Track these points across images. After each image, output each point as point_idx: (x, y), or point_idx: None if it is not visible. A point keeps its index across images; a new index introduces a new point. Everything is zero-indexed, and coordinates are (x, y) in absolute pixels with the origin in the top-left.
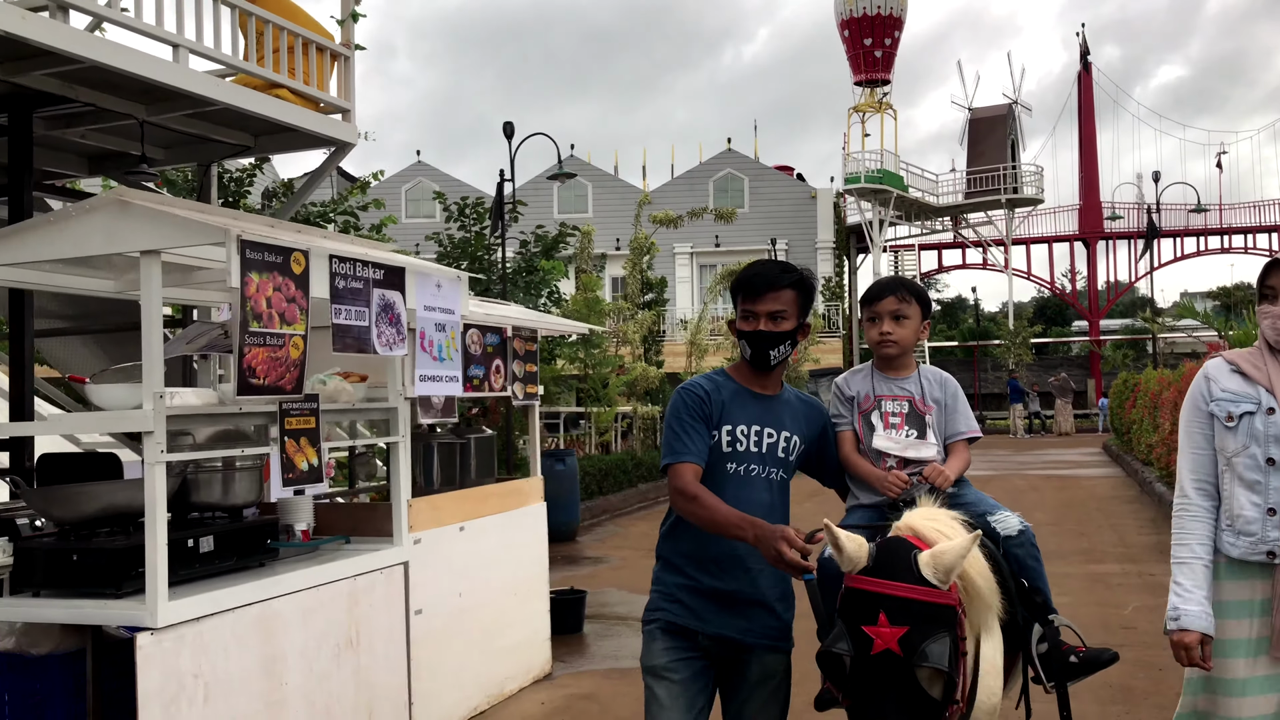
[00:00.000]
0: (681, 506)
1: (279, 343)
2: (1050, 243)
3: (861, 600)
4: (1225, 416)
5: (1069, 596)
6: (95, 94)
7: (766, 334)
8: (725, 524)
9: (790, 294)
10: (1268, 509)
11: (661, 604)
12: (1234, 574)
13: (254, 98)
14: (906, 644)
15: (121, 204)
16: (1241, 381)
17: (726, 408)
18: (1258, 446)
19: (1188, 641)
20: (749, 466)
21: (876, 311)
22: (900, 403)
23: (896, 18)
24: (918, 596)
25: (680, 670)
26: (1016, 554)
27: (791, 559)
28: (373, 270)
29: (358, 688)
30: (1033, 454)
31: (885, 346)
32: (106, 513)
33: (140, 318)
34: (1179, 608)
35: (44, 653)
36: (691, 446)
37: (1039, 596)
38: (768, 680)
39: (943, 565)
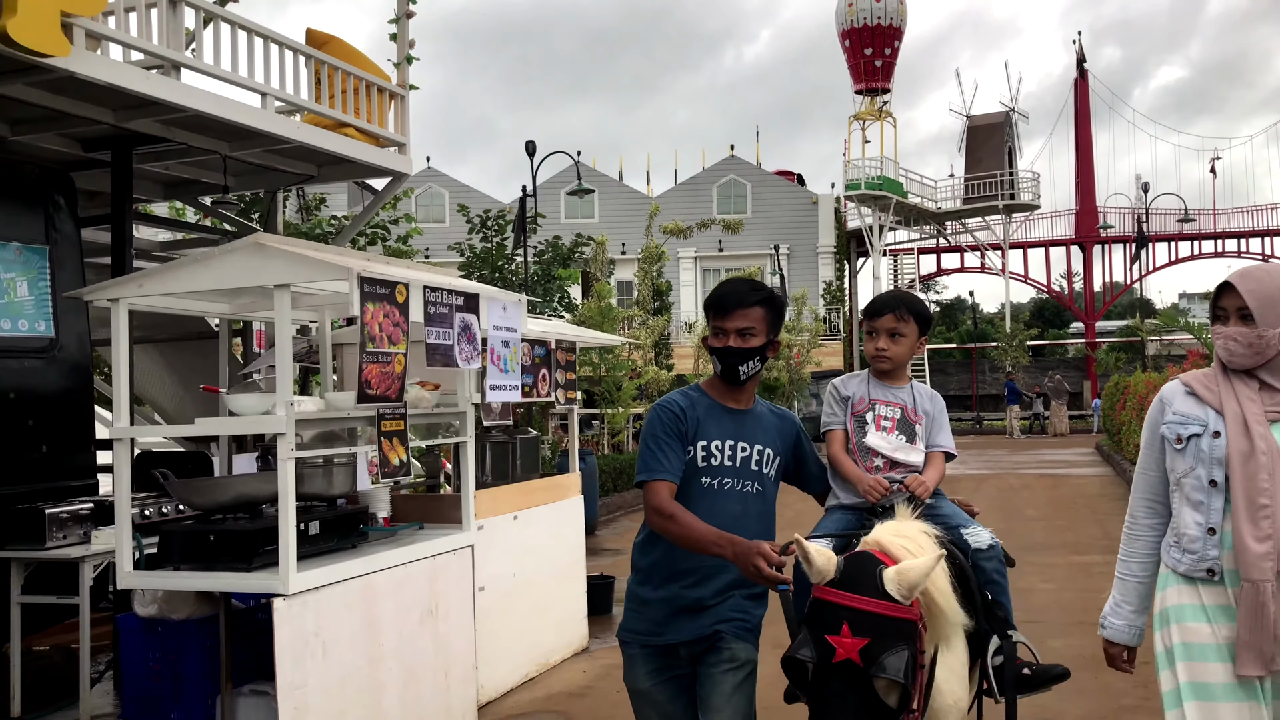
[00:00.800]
0: (658, 524)
1: (387, 360)
2: (1047, 246)
3: (826, 611)
4: (1175, 439)
5: (1053, 584)
6: (188, 134)
7: (736, 350)
8: (703, 542)
9: (759, 311)
10: (1208, 528)
11: (636, 625)
12: (1184, 584)
13: (323, 135)
14: (866, 655)
15: (259, 246)
16: (1194, 404)
17: (701, 423)
18: (1203, 468)
19: (1111, 652)
20: (723, 480)
21: (875, 327)
22: (894, 409)
23: (896, 28)
24: (880, 610)
25: (663, 691)
26: (984, 567)
27: (768, 574)
28: (455, 297)
29: (436, 651)
30: (1027, 454)
31: (880, 361)
32: (237, 501)
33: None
34: (1109, 618)
35: (182, 618)
36: (666, 463)
37: (1000, 611)
38: (736, 668)
39: (907, 582)
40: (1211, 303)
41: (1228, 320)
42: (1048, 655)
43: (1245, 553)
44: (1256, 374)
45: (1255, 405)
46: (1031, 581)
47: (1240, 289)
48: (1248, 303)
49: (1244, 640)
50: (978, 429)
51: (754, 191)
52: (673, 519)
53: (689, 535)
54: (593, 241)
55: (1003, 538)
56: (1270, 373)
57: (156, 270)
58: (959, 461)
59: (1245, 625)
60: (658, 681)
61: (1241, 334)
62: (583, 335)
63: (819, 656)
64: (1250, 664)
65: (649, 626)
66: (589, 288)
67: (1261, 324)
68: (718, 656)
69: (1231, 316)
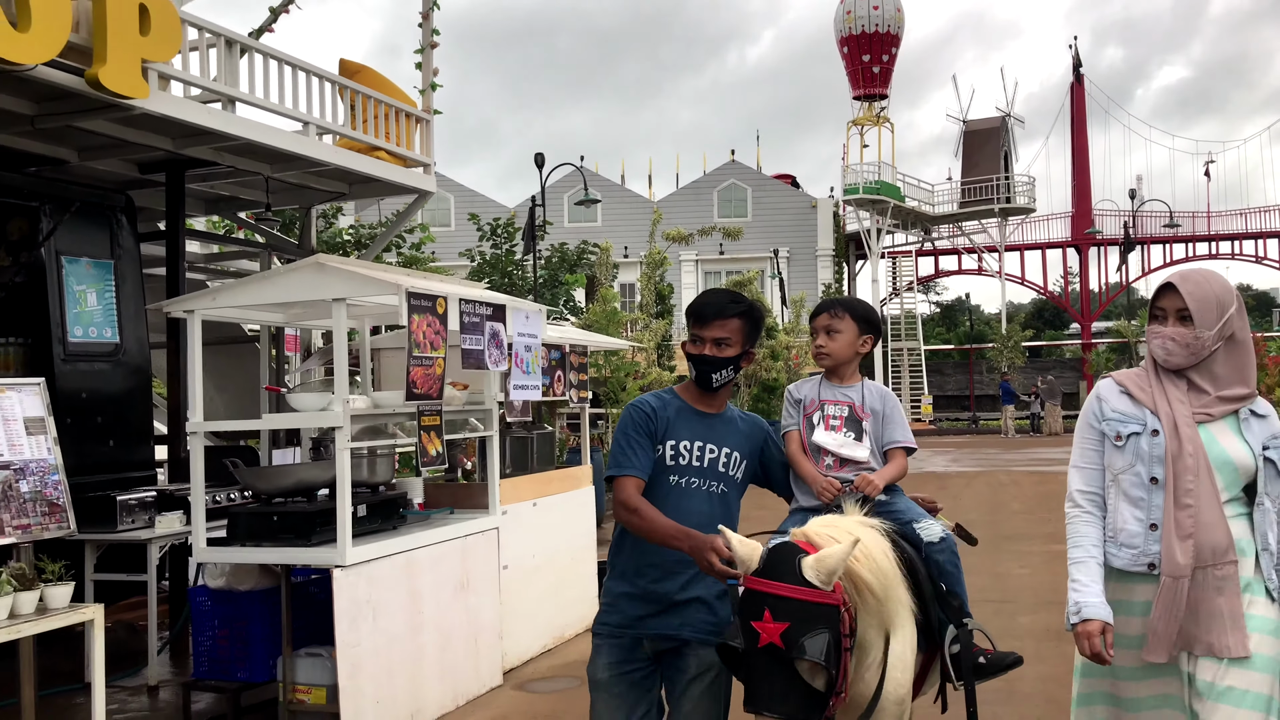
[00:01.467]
0: (623, 517)
1: (430, 363)
2: (1044, 249)
3: (751, 599)
4: (1115, 436)
5: (1028, 569)
6: (236, 158)
7: (710, 359)
8: (663, 535)
9: (736, 323)
10: (1149, 524)
11: (607, 617)
12: (1116, 579)
13: (357, 158)
14: (787, 638)
15: (320, 265)
16: (1130, 403)
17: (671, 424)
18: (1143, 466)
19: (1090, 630)
20: (690, 479)
21: (814, 326)
22: (841, 407)
23: (894, 35)
24: (800, 596)
25: (618, 684)
26: (937, 559)
27: (718, 567)
28: (485, 308)
29: (468, 620)
30: (1020, 452)
31: (819, 357)
32: (296, 486)
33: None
34: (1079, 601)
35: (247, 589)
36: (635, 461)
37: (955, 600)
38: (705, 673)
39: (825, 568)
40: (1150, 303)
41: (1166, 321)
42: (1017, 630)
43: (1169, 550)
44: (1186, 374)
45: (1184, 407)
46: (1009, 567)
47: (1181, 290)
48: (1187, 304)
49: (1154, 629)
50: (974, 429)
51: (754, 195)
52: (636, 512)
53: (651, 529)
54: (597, 248)
55: (985, 528)
56: (1200, 374)
57: (229, 285)
58: (952, 459)
59: (1158, 615)
60: (616, 674)
61: (1179, 334)
62: (594, 340)
63: (747, 642)
64: (1155, 651)
65: (620, 619)
66: (593, 291)
67: (1199, 325)
68: (685, 663)
69: (1170, 317)
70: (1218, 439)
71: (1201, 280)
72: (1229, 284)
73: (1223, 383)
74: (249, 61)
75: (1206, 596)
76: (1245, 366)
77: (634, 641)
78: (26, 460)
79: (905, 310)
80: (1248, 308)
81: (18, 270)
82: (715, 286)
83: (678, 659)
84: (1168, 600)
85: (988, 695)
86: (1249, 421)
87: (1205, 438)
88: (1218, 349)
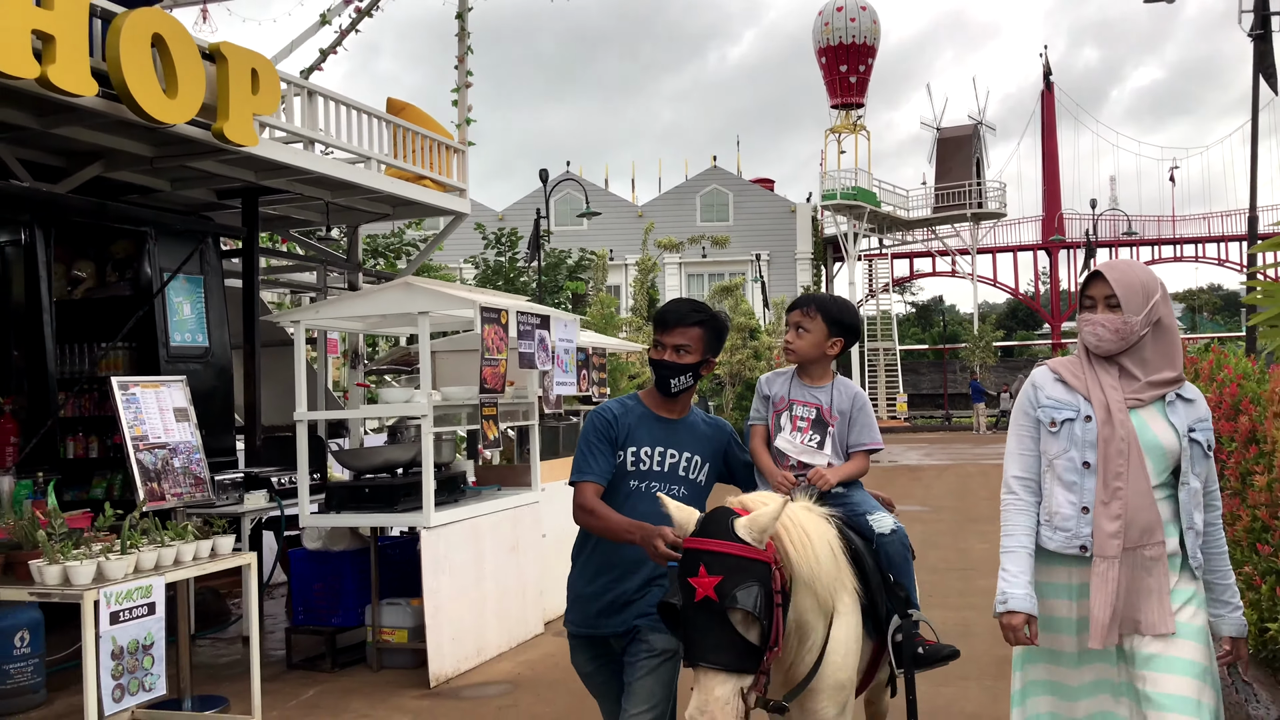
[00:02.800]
0: (582, 520)
1: (496, 364)
2: (1015, 252)
3: (687, 557)
4: (1049, 422)
5: (989, 544)
6: (303, 186)
7: (670, 364)
8: (617, 531)
9: (697, 331)
10: (1082, 507)
11: (574, 616)
12: (1051, 562)
13: (405, 186)
14: (720, 591)
15: (407, 285)
16: (1064, 390)
17: (633, 430)
18: (1076, 451)
19: (1014, 623)
20: (650, 483)
21: (787, 321)
22: (809, 409)
23: (870, 46)
24: (732, 551)
25: (602, 673)
26: (887, 550)
27: (663, 551)
28: (535, 318)
29: (518, 577)
30: (988, 448)
31: (788, 353)
32: (382, 465)
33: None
34: (1006, 592)
35: (340, 549)
36: (594, 466)
37: (902, 592)
38: (655, 655)
39: (757, 525)
40: (1080, 292)
41: (1096, 308)
42: (977, 590)
43: (1099, 532)
44: (1118, 360)
45: (1117, 393)
46: (972, 543)
47: (1108, 278)
48: (1115, 290)
49: (1093, 615)
50: (947, 426)
51: (735, 200)
52: (593, 514)
53: (606, 527)
54: (594, 255)
55: (952, 514)
56: (1130, 360)
57: (330, 301)
58: (926, 454)
59: (1095, 601)
60: (598, 666)
61: (1109, 320)
62: (610, 343)
63: (684, 598)
64: (1095, 638)
65: (583, 618)
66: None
67: (1127, 311)
68: (637, 647)
69: (1099, 304)
70: (1148, 424)
71: (1126, 269)
72: (1153, 273)
73: (1151, 367)
74: (323, 105)
75: (1137, 576)
76: (1172, 352)
77: (602, 638)
78: (177, 442)
79: (881, 312)
80: (1218, 308)
81: (128, 286)
82: (699, 290)
83: (632, 645)
84: (1100, 584)
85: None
86: (1175, 405)
87: (1136, 423)
88: (1145, 335)
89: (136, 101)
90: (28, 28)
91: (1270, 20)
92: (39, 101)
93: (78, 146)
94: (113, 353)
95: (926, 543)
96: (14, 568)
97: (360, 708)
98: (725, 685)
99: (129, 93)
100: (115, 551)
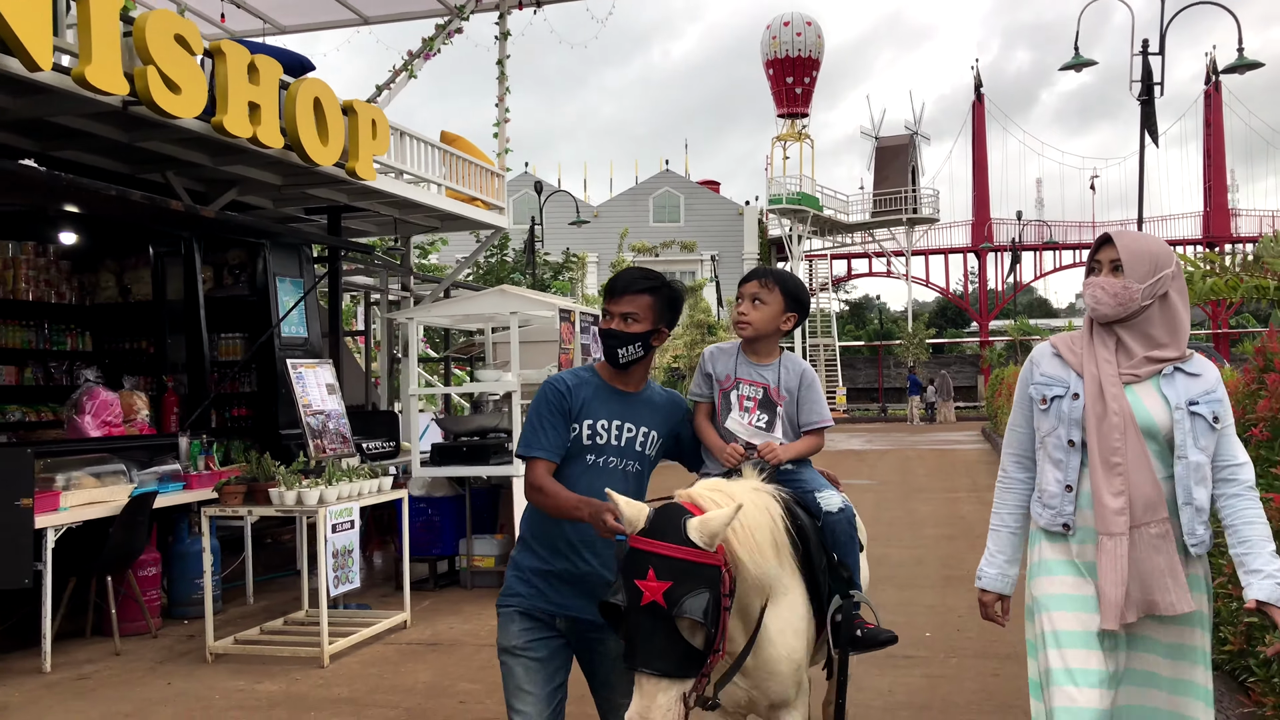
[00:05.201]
0: (531, 497)
1: (567, 351)
2: (946, 254)
3: (635, 558)
4: (1040, 399)
5: (931, 506)
6: (377, 204)
7: (617, 333)
8: (566, 508)
9: (646, 299)
10: (1066, 485)
11: (518, 589)
12: (1049, 538)
13: (458, 205)
14: (669, 597)
15: (502, 292)
16: (1059, 365)
17: (588, 403)
18: (1063, 428)
19: (986, 600)
20: (608, 459)
21: (741, 293)
22: (757, 388)
23: (815, 59)
24: (683, 556)
25: (537, 649)
26: (834, 528)
27: (611, 525)
28: (590, 317)
29: None
30: (924, 436)
31: (740, 327)
32: (474, 429)
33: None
34: (983, 569)
35: (439, 496)
36: (545, 441)
37: (846, 572)
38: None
39: (708, 530)
40: (1089, 256)
41: (1100, 271)
42: (925, 538)
43: (1103, 509)
44: (1116, 332)
45: (1111, 368)
46: (916, 506)
47: (1117, 243)
48: (1120, 254)
49: (1104, 594)
50: (883, 417)
51: (686, 203)
52: (541, 491)
53: (555, 504)
54: (576, 258)
55: (898, 485)
56: (1130, 331)
57: (439, 303)
58: (868, 441)
59: (1105, 579)
60: (530, 640)
61: (1109, 284)
62: None
63: (629, 600)
64: (1107, 618)
65: (533, 595)
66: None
67: (1129, 276)
68: (605, 648)
69: (1104, 268)
70: (1141, 400)
71: (1140, 237)
72: (1169, 249)
73: (1152, 342)
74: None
75: (1145, 556)
76: (1177, 329)
77: (548, 616)
78: (330, 410)
79: (821, 310)
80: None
81: (245, 286)
82: None
83: (597, 643)
84: (1109, 562)
85: (889, 601)
86: (1173, 377)
87: (1131, 399)
88: (1150, 306)
89: (305, 150)
90: (245, 100)
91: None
92: (217, 144)
93: (222, 175)
94: (231, 340)
95: (880, 505)
96: (254, 494)
97: (468, 612)
98: (668, 693)
99: (300, 143)
100: (325, 484)
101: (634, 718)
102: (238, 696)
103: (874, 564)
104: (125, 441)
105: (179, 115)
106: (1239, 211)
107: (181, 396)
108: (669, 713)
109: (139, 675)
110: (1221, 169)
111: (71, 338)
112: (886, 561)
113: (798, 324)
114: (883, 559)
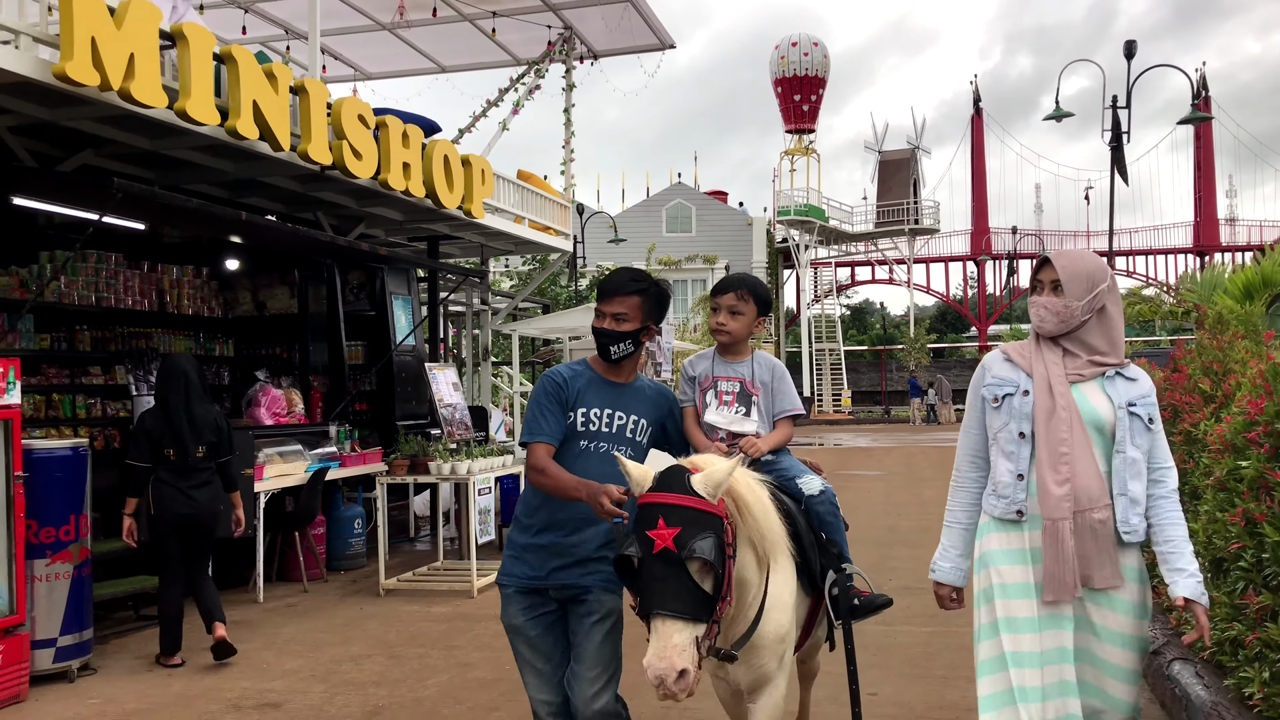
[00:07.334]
0: (533, 479)
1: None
2: (946, 262)
3: (645, 511)
4: (992, 399)
5: (935, 491)
6: (468, 233)
7: (608, 332)
8: (566, 489)
9: (635, 300)
10: (1018, 474)
11: (512, 568)
12: (1001, 528)
13: (534, 233)
14: (679, 541)
15: (587, 308)
16: (1010, 368)
17: (582, 393)
18: (1015, 423)
19: (941, 593)
20: (599, 444)
21: (719, 304)
22: (733, 384)
23: (821, 78)
24: (690, 504)
25: (536, 626)
26: (818, 510)
27: (608, 508)
28: None
29: None
30: (925, 435)
31: (719, 335)
32: None
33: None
34: (937, 563)
35: None
36: (545, 427)
37: (835, 548)
38: (606, 617)
39: (712, 480)
40: (1031, 276)
41: (1042, 291)
42: (929, 515)
43: (1047, 495)
44: (1061, 342)
45: (1059, 369)
46: (922, 491)
47: (1055, 264)
48: (1060, 275)
49: (1048, 571)
50: (887, 418)
51: (698, 214)
52: (543, 473)
53: (556, 485)
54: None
55: (904, 475)
56: (1073, 342)
57: (537, 317)
58: (874, 439)
59: (1049, 557)
60: (529, 618)
61: (1051, 303)
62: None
63: (642, 551)
64: (1052, 591)
65: (526, 570)
66: None
67: (1069, 295)
68: (586, 608)
69: (1046, 288)
70: (1087, 397)
71: (1076, 257)
72: (1103, 264)
73: (1094, 351)
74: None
75: (1085, 539)
76: (1114, 337)
77: (541, 590)
78: (455, 403)
79: (826, 315)
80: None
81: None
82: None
83: (581, 605)
84: (1051, 541)
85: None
86: (1114, 380)
87: (1077, 396)
88: (1089, 320)
89: (438, 196)
90: (400, 160)
91: (1123, 136)
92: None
93: (351, 211)
94: (353, 347)
95: (890, 490)
96: (417, 467)
97: None
98: (683, 633)
99: (435, 191)
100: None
101: (652, 659)
102: (419, 615)
103: (887, 532)
104: (293, 429)
105: (360, 176)
106: (1236, 220)
107: (323, 394)
108: (684, 652)
109: (332, 604)
110: (1211, 180)
111: (219, 345)
112: (899, 529)
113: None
114: (895, 528)
